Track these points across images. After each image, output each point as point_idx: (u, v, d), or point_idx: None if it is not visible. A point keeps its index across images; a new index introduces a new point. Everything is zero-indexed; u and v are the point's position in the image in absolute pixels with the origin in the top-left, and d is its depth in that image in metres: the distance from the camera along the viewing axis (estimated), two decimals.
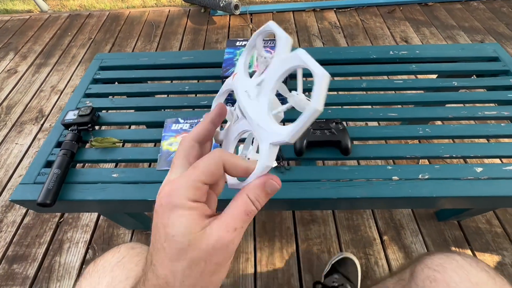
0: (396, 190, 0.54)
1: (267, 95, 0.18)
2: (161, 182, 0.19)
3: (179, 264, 0.16)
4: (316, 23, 1.73)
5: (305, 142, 0.58)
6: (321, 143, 0.59)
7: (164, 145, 0.62)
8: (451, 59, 0.78)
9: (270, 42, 0.68)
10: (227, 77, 0.60)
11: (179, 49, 1.62)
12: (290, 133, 0.17)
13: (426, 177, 0.55)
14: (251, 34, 1.43)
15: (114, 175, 0.58)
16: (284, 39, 0.18)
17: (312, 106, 0.15)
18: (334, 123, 0.60)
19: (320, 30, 1.67)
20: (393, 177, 0.56)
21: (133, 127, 1.08)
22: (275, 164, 0.22)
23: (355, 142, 0.62)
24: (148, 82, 0.83)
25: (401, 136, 0.63)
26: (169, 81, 1.19)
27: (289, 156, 0.60)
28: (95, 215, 0.98)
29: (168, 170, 0.23)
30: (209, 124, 0.21)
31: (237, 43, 0.67)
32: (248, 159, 0.22)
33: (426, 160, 0.89)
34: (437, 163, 0.87)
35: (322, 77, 0.15)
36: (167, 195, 0.17)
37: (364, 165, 0.58)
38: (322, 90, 0.15)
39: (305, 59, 0.16)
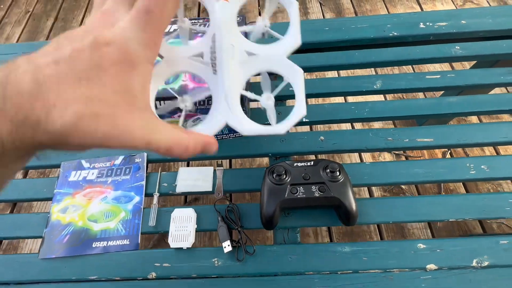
0: None
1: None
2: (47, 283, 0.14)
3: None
4: None
5: (277, 208, 0.34)
6: (305, 207, 0.35)
7: (54, 211, 0.39)
8: None
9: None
10: None
11: None
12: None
13: (486, 263, 0.32)
14: None
15: None
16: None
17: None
18: (328, 170, 0.35)
19: None
20: (427, 266, 0.33)
21: None
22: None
23: (363, 194, 0.38)
24: None
25: (440, 179, 0.38)
26: None
27: (254, 226, 0.36)
28: None
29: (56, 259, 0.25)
30: None
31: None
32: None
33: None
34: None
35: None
36: (121, 49, 0.13)
37: (379, 242, 0.35)
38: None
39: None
